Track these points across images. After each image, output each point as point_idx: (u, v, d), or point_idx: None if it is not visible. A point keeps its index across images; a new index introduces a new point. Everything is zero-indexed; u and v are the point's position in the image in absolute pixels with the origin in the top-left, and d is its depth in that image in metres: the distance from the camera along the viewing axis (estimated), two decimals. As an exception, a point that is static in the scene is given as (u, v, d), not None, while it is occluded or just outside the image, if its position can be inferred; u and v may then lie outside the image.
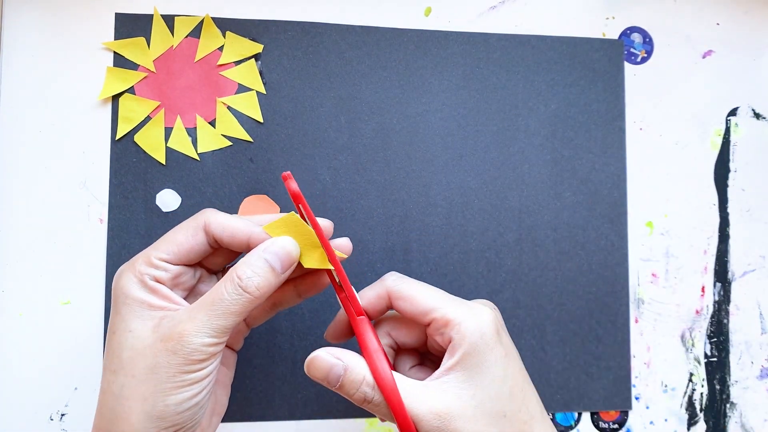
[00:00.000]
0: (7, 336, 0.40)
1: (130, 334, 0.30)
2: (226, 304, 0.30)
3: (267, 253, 0.31)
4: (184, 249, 0.32)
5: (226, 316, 0.30)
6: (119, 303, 0.31)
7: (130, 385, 0.29)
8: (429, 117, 0.43)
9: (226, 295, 0.30)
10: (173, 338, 0.29)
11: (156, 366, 0.29)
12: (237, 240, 0.32)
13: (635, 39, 0.46)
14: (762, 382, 0.45)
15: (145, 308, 0.30)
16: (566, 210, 0.44)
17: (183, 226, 0.32)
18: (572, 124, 0.44)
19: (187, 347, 0.29)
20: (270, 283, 0.31)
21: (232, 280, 0.30)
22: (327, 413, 0.41)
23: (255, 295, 0.30)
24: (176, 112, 0.42)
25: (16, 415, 0.39)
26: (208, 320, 0.29)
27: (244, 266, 0.30)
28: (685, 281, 0.45)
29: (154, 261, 0.31)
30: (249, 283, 0.30)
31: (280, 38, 0.43)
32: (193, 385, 0.30)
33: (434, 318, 0.31)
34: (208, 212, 0.33)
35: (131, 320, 0.30)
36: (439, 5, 0.44)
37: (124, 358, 0.30)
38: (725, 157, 0.46)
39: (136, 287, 0.31)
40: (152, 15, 0.42)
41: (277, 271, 0.31)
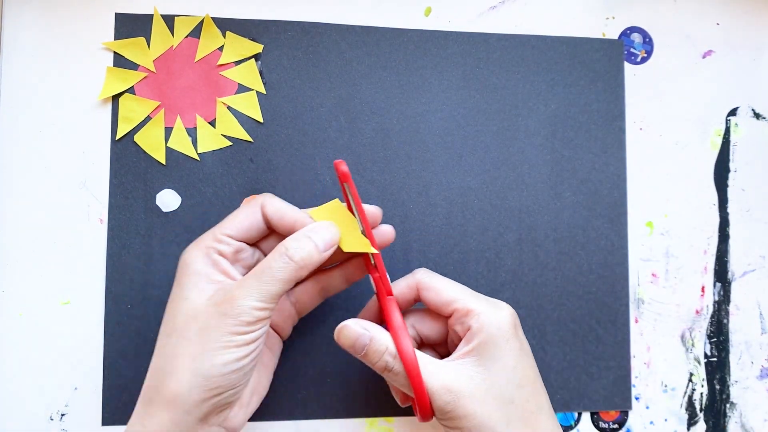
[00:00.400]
0: (7, 336, 0.40)
1: (185, 302, 0.33)
2: (273, 271, 0.32)
3: (310, 232, 0.34)
4: (244, 225, 0.35)
5: (274, 282, 0.32)
6: (181, 274, 0.34)
7: (182, 345, 0.32)
8: (429, 117, 0.43)
9: (273, 263, 0.33)
10: (225, 302, 0.32)
11: (207, 327, 0.32)
12: (285, 222, 0.35)
13: (635, 39, 0.46)
14: (762, 382, 0.45)
15: (204, 280, 0.33)
16: (566, 210, 0.44)
17: (244, 207, 0.36)
18: (572, 124, 0.44)
19: (236, 308, 0.32)
20: (312, 257, 0.33)
21: (279, 251, 0.33)
22: (327, 413, 0.41)
23: (299, 263, 0.33)
24: (176, 112, 0.42)
25: (16, 415, 0.39)
26: (257, 285, 0.32)
27: (290, 240, 0.34)
28: (685, 281, 0.45)
29: (218, 236, 0.34)
30: (294, 252, 0.33)
31: (280, 38, 0.43)
32: (240, 347, 0.32)
33: (456, 308, 0.34)
34: (266, 196, 0.36)
35: (189, 289, 0.33)
36: (439, 5, 0.44)
37: (179, 322, 0.33)
38: (725, 157, 0.46)
39: (199, 260, 0.34)
40: (152, 15, 0.42)
41: (319, 249, 0.34)
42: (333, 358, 0.41)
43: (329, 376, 0.41)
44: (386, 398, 0.42)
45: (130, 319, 0.40)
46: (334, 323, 0.41)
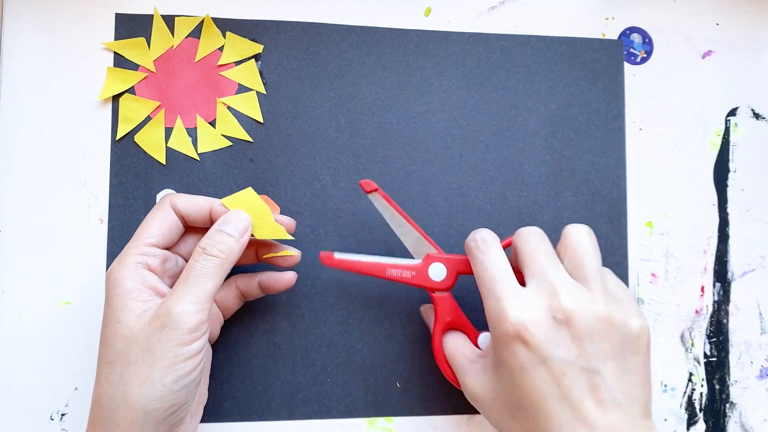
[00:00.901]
0: (7, 336, 0.40)
1: (119, 325, 0.32)
2: (198, 271, 0.32)
3: (221, 225, 0.34)
4: (164, 230, 0.35)
5: (202, 279, 0.32)
6: (111, 295, 0.33)
7: (127, 371, 0.31)
8: (429, 117, 0.43)
9: (195, 264, 0.33)
10: (160, 316, 0.31)
11: (150, 347, 0.31)
12: (201, 213, 0.35)
13: (635, 39, 0.46)
14: (762, 382, 0.45)
15: (133, 299, 0.32)
16: (566, 210, 0.44)
17: (153, 213, 0.35)
18: (572, 124, 0.44)
19: (174, 317, 0.31)
20: (231, 247, 0.34)
21: (197, 252, 0.33)
22: (327, 413, 0.41)
23: (220, 257, 0.33)
24: (176, 112, 0.42)
25: (16, 415, 0.39)
26: (187, 290, 0.32)
27: (204, 240, 0.34)
28: (685, 281, 0.45)
29: (142, 248, 0.34)
30: (212, 249, 0.33)
31: (280, 38, 0.43)
32: (188, 360, 0.31)
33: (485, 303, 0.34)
34: (171, 195, 0.36)
35: (120, 311, 0.32)
36: (439, 5, 0.44)
37: (118, 348, 0.32)
38: (725, 157, 0.46)
39: (127, 278, 0.33)
40: (152, 15, 0.42)
41: (235, 236, 0.34)
42: (333, 358, 0.41)
43: (329, 376, 0.41)
44: (386, 398, 0.42)
45: (130, 319, 0.40)
46: (334, 323, 0.41)
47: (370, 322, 0.42)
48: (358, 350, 0.42)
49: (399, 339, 0.42)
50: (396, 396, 0.42)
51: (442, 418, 0.42)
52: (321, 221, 0.42)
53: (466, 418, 0.42)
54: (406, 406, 0.42)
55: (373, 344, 0.42)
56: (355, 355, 0.42)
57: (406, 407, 0.42)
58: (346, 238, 0.42)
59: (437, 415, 0.42)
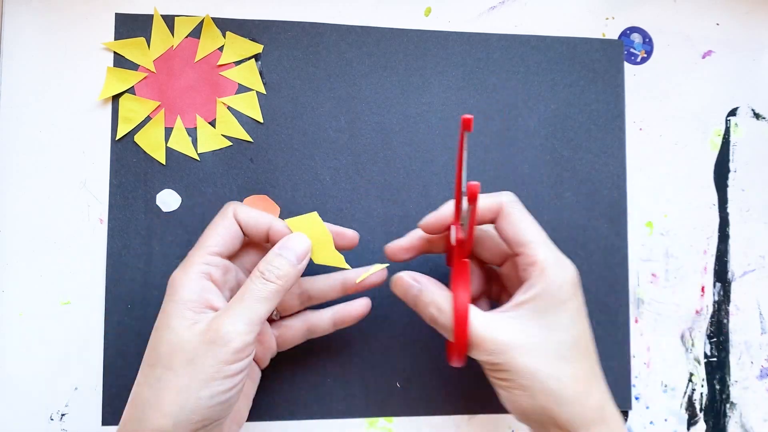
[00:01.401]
0: (7, 336, 0.40)
1: (169, 331, 0.32)
2: (253, 293, 0.33)
3: (281, 249, 0.35)
4: (227, 238, 0.35)
5: (256, 302, 0.33)
6: (168, 300, 0.33)
7: (167, 377, 0.31)
8: (429, 117, 0.43)
9: (252, 286, 0.33)
10: (210, 330, 0.32)
11: (194, 359, 0.31)
12: (260, 228, 0.36)
13: (635, 39, 0.46)
14: (762, 382, 0.45)
15: (188, 308, 0.33)
16: (566, 210, 0.44)
17: (216, 221, 0.36)
18: (572, 124, 0.44)
19: (224, 335, 0.31)
20: (288, 273, 0.34)
21: (255, 275, 0.34)
22: (327, 413, 0.41)
23: (278, 282, 0.33)
24: (176, 112, 0.42)
25: (16, 415, 0.39)
26: (240, 310, 0.32)
27: (263, 262, 0.34)
28: (685, 281, 0.45)
29: (207, 257, 0.34)
30: (269, 273, 0.33)
31: (280, 38, 0.43)
32: (227, 378, 0.31)
33: (525, 252, 0.33)
34: (232, 204, 0.36)
35: (173, 318, 0.32)
36: (439, 5, 0.44)
37: (162, 352, 0.32)
38: (725, 157, 0.46)
39: (187, 287, 0.33)
40: (152, 15, 0.42)
41: (293, 262, 0.34)
42: (333, 358, 0.41)
43: (329, 376, 0.41)
44: (386, 398, 0.42)
45: (130, 319, 0.40)
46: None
47: (370, 322, 0.42)
48: (358, 350, 0.42)
49: (399, 339, 0.42)
50: (396, 396, 0.42)
51: (442, 418, 0.42)
52: (321, 221, 0.42)
53: (467, 418, 0.42)
54: (406, 406, 0.42)
55: (373, 344, 0.42)
56: (355, 355, 0.42)
57: (406, 407, 0.42)
58: (346, 238, 0.42)
59: (437, 415, 0.42)
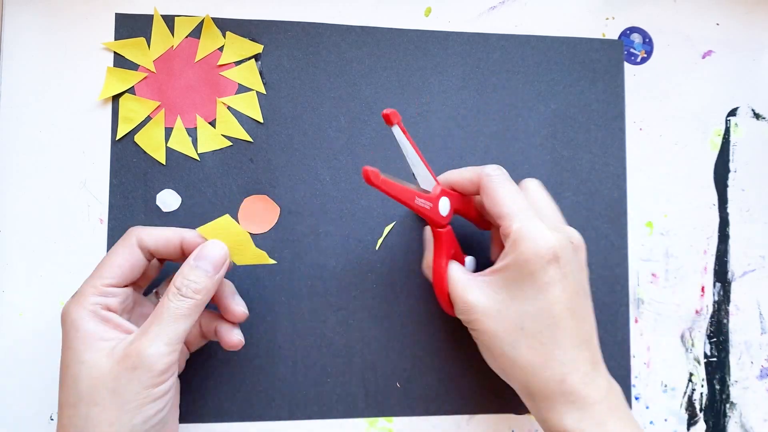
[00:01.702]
0: (7, 336, 0.40)
1: (83, 366, 0.31)
2: (172, 311, 0.32)
3: (196, 260, 0.33)
4: (126, 270, 0.34)
5: (176, 321, 0.32)
6: (71, 338, 0.32)
7: (94, 413, 0.30)
8: (429, 117, 0.43)
9: (171, 304, 0.32)
10: (131, 356, 0.30)
11: (118, 388, 0.30)
12: (171, 246, 0.34)
13: (635, 39, 0.46)
14: (762, 382, 0.45)
15: (98, 340, 0.31)
16: (566, 210, 0.44)
17: (117, 248, 0.34)
18: (572, 124, 0.44)
19: (146, 360, 0.30)
20: (206, 285, 0.33)
21: (173, 292, 0.32)
22: (327, 413, 0.41)
23: (196, 297, 0.32)
24: (176, 113, 0.42)
25: (16, 415, 0.39)
26: (160, 330, 0.31)
27: (179, 277, 0.33)
28: (685, 281, 0.45)
29: (102, 289, 0.33)
30: (187, 290, 0.32)
31: (280, 38, 0.43)
32: (157, 401, 0.31)
33: (502, 224, 0.35)
34: (136, 229, 0.35)
35: (84, 352, 0.31)
36: (439, 5, 0.44)
37: (83, 389, 0.31)
38: (725, 157, 0.46)
39: (87, 320, 0.32)
40: (152, 15, 0.42)
41: (209, 272, 0.33)
42: (333, 358, 0.41)
43: (329, 376, 0.41)
44: (386, 398, 0.42)
45: (130, 319, 0.40)
46: (334, 324, 0.41)
47: (370, 322, 0.42)
48: (358, 350, 0.42)
49: (399, 339, 0.42)
50: (396, 396, 0.42)
51: (442, 418, 0.42)
52: (321, 221, 0.42)
53: (467, 418, 0.42)
54: (406, 406, 0.42)
55: (373, 344, 0.42)
56: (355, 355, 0.42)
57: (406, 407, 0.42)
58: (346, 238, 0.42)
59: (437, 415, 0.42)
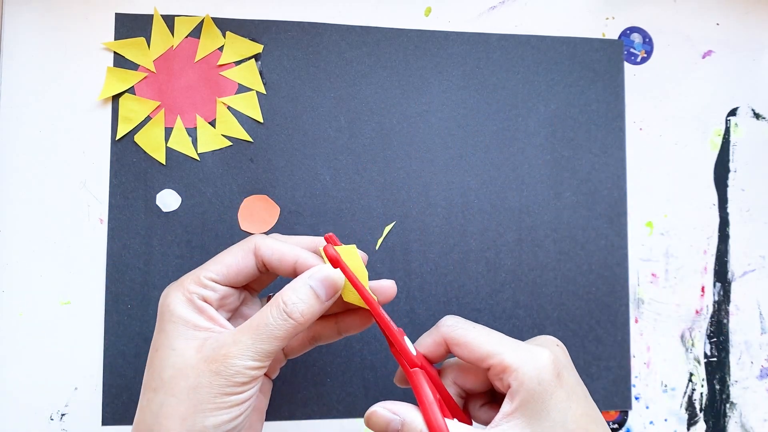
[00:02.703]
0: (7, 336, 0.40)
1: (173, 353, 0.30)
2: (270, 329, 0.30)
3: (312, 280, 0.31)
4: (233, 271, 0.32)
5: (271, 340, 0.30)
6: (165, 320, 0.31)
7: (170, 403, 0.30)
8: (429, 117, 0.43)
9: (271, 320, 0.30)
10: (217, 359, 0.29)
11: (198, 386, 0.29)
12: (285, 264, 0.32)
13: (635, 39, 0.46)
14: (762, 382, 0.45)
15: (190, 328, 0.31)
16: (566, 210, 0.44)
17: (233, 249, 0.33)
18: (572, 124, 0.44)
19: (230, 369, 0.29)
20: (314, 310, 0.31)
21: (277, 306, 0.30)
22: (327, 413, 0.41)
23: (299, 321, 0.30)
24: (176, 112, 0.42)
25: (16, 415, 0.39)
26: (252, 344, 0.30)
27: (289, 292, 0.31)
28: (685, 281, 0.45)
29: (203, 280, 0.32)
30: (294, 308, 0.30)
31: (280, 38, 0.43)
32: (233, 407, 0.30)
33: (492, 364, 0.31)
34: (258, 237, 0.33)
35: (175, 339, 0.30)
36: (439, 5, 0.44)
37: (166, 376, 0.30)
38: (725, 157, 0.46)
39: (182, 306, 0.31)
40: (152, 15, 0.42)
41: (321, 298, 0.31)
42: (333, 358, 0.41)
43: (329, 376, 0.41)
44: (386, 398, 0.41)
45: (130, 319, 0.40)
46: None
47: (370, 322, 0.42)
48: (358, 350, 0.42)
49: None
50: (396, 396, 0.42)
51: (442, 418, 0.42)
52: (321, 221, 0.42)
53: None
54: (406, 406, 0.42)
55: (373, 344, 0.42)
56: (355, 355, 0.42)
57: (406, 407, 0.42)
58: (346, 239, 0.42)
59: (437, 415, 0.42)
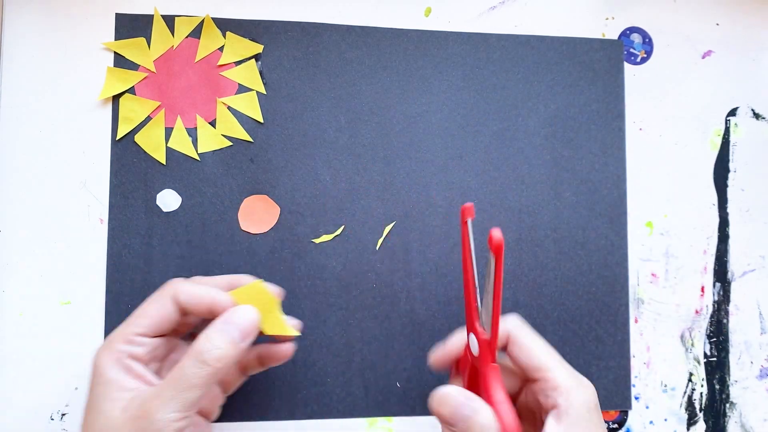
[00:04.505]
0: (7, 336, 0.40)
1: (100, 416, 0.31)
2: (188, 378, 0.30)
3: (226, 324, 0.32)
4: (156, 321, 0.33)
5: (190, 389, 0.30)
6: (94, 383, 0.32)
7: None
8: (429, 117, 0.43)
9: (187, 370, 0.31)
10: (141, 416, 0.30)
11: None
12: (202, 307, 0.33)
13: (635, 39, 0.46)
14: (761, 382, 0.45)
15: (116, 390, 0.31)
16: (566, 210, 0.44)
17: (153, 299, 0.34)
18: (572, 124, 0.44)
19: (155, 424, 0.30)
20: (230, 354, 0.31)
21: (192, 355, 0.31)
22: (327, 413, 0.41)
23: (216, 366, 0.31)
24: (176, 112, 0.42)
25: (16, 415, 0.39)
26: (172, 396, 0.30)
27: (203, 339, 0.32)
28: (685, 281, 0.45)
29: (131, 338, 0.32)
30: (209, 356, 0.31)
31: (280, 38, 0.43)
32: None
33: (545, 377, 0.32)
34: (175, 283, 0.34)
35: (103, 401, 0.31)
36: (439, 5, 0.44)
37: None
38: (725, 157, 0.46)
39: (110, 366, 0.32)
40: (152, 15, 0.42)
41: (236, 339, 0.32)
42: (333, 358, 0.41)
43: (329, 376, 0.41)
44: (386, 398, 0.42)
45: (130, 319, 0.40)
46: (335, 323, 0.41)
47: (370, 322, 0.42)
48: (358, 350, 0.42)
49: (399, 339, 0.42)
50: (396, 396, 0.42)
51: (442, 418, 0.42)
52: (321, 221, 0.42)
53: (466, 418, 0.42)
54: (406, 406, 0.42)
55: (373, 344, 0.42)
56: (355, 355, 0.42)
57: (406, 407, 0.42)
58: (346, 238, 0.42)
59: (437, 415, 0.42)
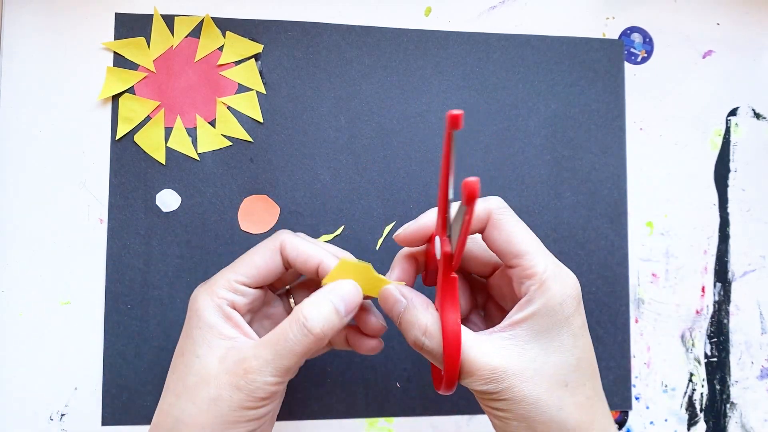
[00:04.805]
0: (7, 336, 0.40)
1: (197, 360, 0.31)
2: (290, 344, 0.30)
3: (333, 295, 0.31)
4: (262, 271, 0.33)
5: (290, 356, 0.30)
6: (192, 326, 0.32)
7: (191, 412, 0.30)
8: (429, 117, 0.43)
9: (290, 335, 0.30)
10: (238, 373, 0.30)
11: (218, 398, 0.30)
12: (309, 266, 0.33)
13: (635, 39, 0.46)
14: (762, 382, 0.45)
15: (216, 336, 0.31)
16: (566, 210, 0.44)
17: (261, 248, 0.33)
18: (572, 124, 0.44)
19: (250, 384, 0.30)
20: (333, 325, 0.30)
21: (297, 321, 0.30)
22: (327, 413, 0.41)
23: (319, 336, 0.30)
24: (176, 112, 0.42)
25: (16, 415, 0.39)
26: (272, 359, 0.30)
27: (310, 307, 0.30)
28: (685, 281, 0.45)
29: (234, 285, 0.32)
30: (314, 324, 0.30)
31: (280, 38, 0.43)
32: (252, 421, 0.30)
33: (521, 264, 0.30)
34: (283, 234, 0.33)
35: (200, 346, 0.31)
36: (439, 5, 0.44)
37: (189, 383, 0.30)
38: (725, 157, 0.46)
39: (211, 312, 0.31)
40: (152, 15, 0.42)
41: (341, 314, 0.31)
42: (333, 358, 0.41)
43: (329, 376, 0.41)
44: (386, 398, 0.42)
45: (130, 319, 0.40)
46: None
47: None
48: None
49: (399, 339, 0.42)
50: (396, 396, 0.42)
51: (442, 418, 0.42)
52: (321, 221, 0.42)
53: (467, 418, 0.42)
54: (406, 406, 0.42)
55: (373, 344, 0.42)
56: (355, 355, 0.41)
57: (406, 407, 0.42)
58: (346, 238, 0.42)
59: (437, 415, 0.42)
